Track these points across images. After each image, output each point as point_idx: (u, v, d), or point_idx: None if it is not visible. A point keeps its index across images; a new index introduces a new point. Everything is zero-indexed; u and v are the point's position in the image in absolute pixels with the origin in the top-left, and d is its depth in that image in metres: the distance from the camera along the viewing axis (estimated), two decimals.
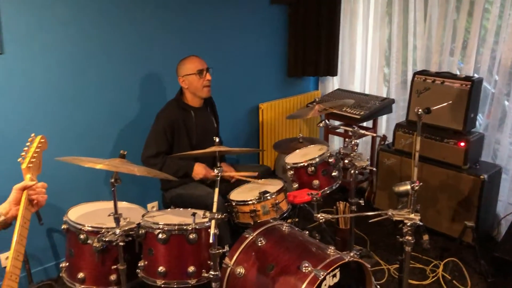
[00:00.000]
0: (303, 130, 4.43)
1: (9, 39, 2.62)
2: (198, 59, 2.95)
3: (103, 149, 3.14)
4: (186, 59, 2.96)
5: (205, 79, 2.92)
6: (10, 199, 1.57)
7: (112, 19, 3.03)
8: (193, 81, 2.93)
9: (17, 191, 1.56)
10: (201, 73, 2.91)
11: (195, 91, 2.96)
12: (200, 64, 2.93)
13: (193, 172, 2.90)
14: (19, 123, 2.75)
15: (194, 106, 3.01)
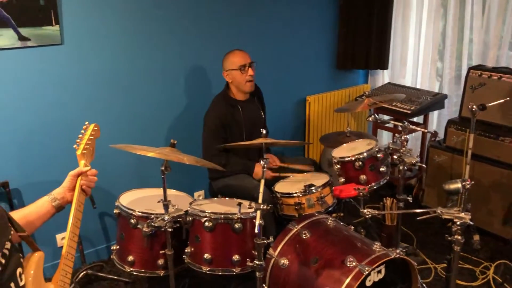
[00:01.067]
0: (351, 124, 4.38)
1: (68, 31, 2.74)
2: (241, 54, 2.95)
3: (153, 137, 3.23)
4: (230, 53, 2.97)
5: (247, 74, 2.93)
6: (64, 185, 1.64)
7: (164, 12, 3.10)
8: (236, 76, 2.95)
9: (72, 177, 1.64)
10: (243, 68, 2.92)
11: (238, 86, 2.99)
12: (243, 59, 2.93)
13: (253, 173, 2.96)
14: (75, 111, 2.88)
15: (241, 99, 3.04)
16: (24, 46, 2.60)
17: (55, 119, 2.82)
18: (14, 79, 2.64)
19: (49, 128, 2.81)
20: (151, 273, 2.48)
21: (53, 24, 2.65)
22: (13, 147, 2.70)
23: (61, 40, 2.72)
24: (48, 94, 2.77)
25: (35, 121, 2.75)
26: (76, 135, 1.82)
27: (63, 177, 1.75)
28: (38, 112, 2.75)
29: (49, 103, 2.78)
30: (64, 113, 2.85)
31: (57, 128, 2.83)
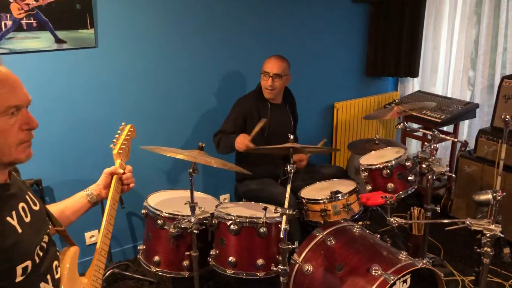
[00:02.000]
0: (379, 132, 4.34)
1: (102, 34, 2.81)
2: (271, 62, 2.96)
3: (182, 140, 3.28)
4: (269, 57, 3.01)
5: (266, 82, 2.97)
6: (99, 182, 1.68)
7: (195, 17, 3.15)
8: (262, 79, 3.01)
9: (106, 175, 1.68)
10: (265, 75, 2.96)
11: (262, 89, 3.02)
12: (268, 67, 2.95)
13: (235, 144, 2.83)
14: (106, 112, 2.95)
15: (271, 101, 3.06)
16: (60, 49, 2.68)
17: (87, 119, 2.89)
18: (50, 80, 2.72)
19: (81, 128, 2.88)
20: (176, 274, 2.51)
21: (88, 27, 2.73)
22: (47, 146, 2.78)
23: (95, 43, 2.79)
24: (81, 95, 2.84)
25: (68, 121, 2.83)
26: (106, 135, 1.87)
27: (93, 175, 1.79)
28: (71, 112, 2.82)
29: (82, 104, 2.86)
30: (96, 113, 2.92)
31: (89, 128, 2.91)
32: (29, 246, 1.22)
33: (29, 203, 1.30)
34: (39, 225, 1.30)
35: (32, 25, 2.56)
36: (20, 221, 1.21)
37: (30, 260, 1.20)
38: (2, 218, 1.16)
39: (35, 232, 1.27)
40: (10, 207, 1.20)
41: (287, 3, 3.53)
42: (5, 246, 1.13)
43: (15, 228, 1.18)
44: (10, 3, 2.47)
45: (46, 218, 1.38)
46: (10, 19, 2.49)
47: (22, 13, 2.52)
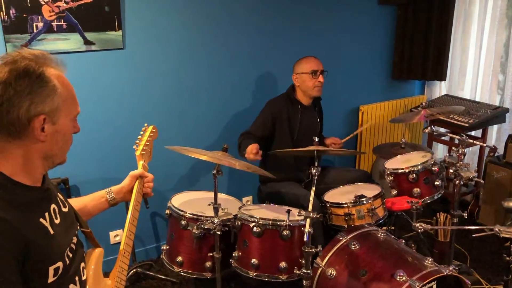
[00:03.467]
0: (405, 136, 4.27)
1: (130, 36, 2.85)
2: (315, 60, 2.98)
3: (206, 141, 3.29)
4: (304, 58, 3.01)
5: (317, 80, 2.95)
6: (123, 184, 1.70)
7: (222, 19, 3.16)
8: (306, 79, 2.97)
9: (132, 178, 1.70)
10: (315, 74, 2.95)
11: (305, 90, 3.01)
12: (316, 65, 2.96)
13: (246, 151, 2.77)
14: (133, 113, 2.98)
15: (303, 103, 3.06)
16: (88, 50, 2.73)
17: (113, 119, 2.93)
18: (77, 80, 2.76)
19: (107, 127, 2.93)
20: (198, 275, 2.52)
21: (116, 29, 2.77)
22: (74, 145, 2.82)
23: (123, 44, 2.83)
24: (108, 96, 2.89)
25: (95, 121, 2.88)
26: (133, 135, 1.89)
27: (118, 175, 1.82)
28: (98, 112, 2.87)
29: (108, 104, 2.90)
30: (123, 114, 2.96)
31: (114, 128, 2.95)
32: (60, 247, 1.24)
33: (60, 204, 1.32)
34: (68, 226, 1.32)
35: (62, 26, 2.61)
36: (51, 222, 1.23)
37: (61, 261, 1.22)
38: (36, 219, 1.18)
39: (65, 234, 1.29)
40: (43, 209, 1.23)
41: (312, 5, 3.51)
42: (39, 247, 1.15)
43: (47, 229, 1.20)
44: (42, 6, 2.53)
45: (74, 220, 1.40)
46: (42, 21, 2.55)
47: (53, 15, 2.57)
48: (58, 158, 1.27)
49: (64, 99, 1.20)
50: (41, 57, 1.18)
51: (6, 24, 2.47)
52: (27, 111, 1.12)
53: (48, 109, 1.16)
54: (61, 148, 1.25)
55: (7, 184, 1.15)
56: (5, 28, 2.47)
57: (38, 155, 1.20)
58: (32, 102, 1.13)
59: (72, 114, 1.25)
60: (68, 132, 1.25)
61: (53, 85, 1.17)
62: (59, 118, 1.20)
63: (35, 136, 1.16)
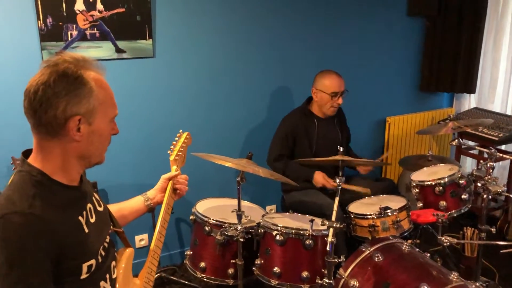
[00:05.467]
0: (432, 148, 4.21)
1: (160, 45, 2.92)
2: (338, 81, 2.95)
3: (231, 149, 3.33)
4: (327, 74, 2.98)
5: (335, 102, 2.95)
6: (157, 187, 1.74)
7: (251, 29, 3.21)
8: (324, 98, 2.97)
9: (164, 180, 1.73)
10: (335, 96, 2.94)
11: (321, 106, 3.02)
12: (338, 86, 2.94)
13: (313, 179, 2.94)
14: (165, 120, 3.05)
15: (319, 116, 3.05)
16: (120, 58, 2.81)
17: (144, 126, 3.00)
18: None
19: (137, 134, 2.99)
20: (221, 281, 2.54)
21: (147, 38, 2.84)
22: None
23: (153, 53, 2.90)
24: (138, 103, 2.96)
25: (125, 127, 2.94)
26: (161, 141, 1.93)
27: (147, 181, 1.85)
28: (127, 118, 2.94)
29: (139, 111, 2.97)
30: (152, 120, 3.02)
31: (145, 134, 3.01)
32: (94, 246, 1.28)
33: (95, 204, 1.37)
34: (102, 225, 1.37)
35: (95, 35, 2.70)
36: (87, 221, 1.27)
37: (94, 259, 1.26)
38: (73, 217, 1.23)
39: (99, 232, 1.33)
40: (81, 208, 1.28)
41: (341, 16, 3.52)
42: (74, 244, 1.20)
43: (83, 227, 1.25)
44: (77, 15, 2.62)
45: (108, 219, 1.44)
46: (76, 29, 2.64)
47: (87, 24, 2.66)
48: (94, 158, 1.30)
49: (101, 101, 1.24)
50: (81, 60, 1.23)
51: (43, 32, 2.57)
52: (64, 111, 1.17)
53: (84, 110, 1.20)
54: (97, 148, 1.28)
55: (47, 183, 1.20)
56: (41, 36, 2.57)
57: (74, 154, 1.24)
58: (69, 103, 1.17)
59: (109, 116, 1.29)
60: (104, 133, 1.29)
61: (90, 87, 1.21)
62: (95, 119, 1.24)
63: (71, 136, 1.20)
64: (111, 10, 2.70)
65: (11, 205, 1.12)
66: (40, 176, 1.19)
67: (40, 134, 1.20)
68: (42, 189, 1.18)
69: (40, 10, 2.53)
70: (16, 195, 1.15)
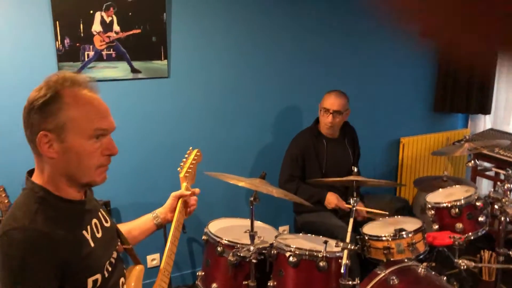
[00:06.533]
0: (447, 169, 4.16)
1: (174, 65, 2.96)
2: (331, 99, 2.95)
3: (244, 168, 3.33)
4: (328, 92, 3.01)
5: (325, 119, 2.95)
6: (166, 205, 1.73)
7: (263, 50, 3.24)
8: (320, 114, 3.01)
9: (174, 198, 1.72)
10: (325, 112, 2.95)
11: (320, 123, 3.02)
12: (328, 104, 2.94)
13: (326, 200, 2.91)
14: (178, 138, 3.07)
15: (327, 135, 3.05)
16: (135, 78, 2.85)
17: (156, 144, 3.02)
18: (123, 107, 2.88)
19: (150, 152, 3.01)
20: None
21: (162, 59, 2.88)
22: (117, 169, 2.92)
23: (168, 73, 2.94)
24: (152, 122, 2.98)
25: (138, 145, 2.97)
26: (174, 161, 1.94)
27: (159, 199, 1.85)
28: (141, 137, 2.96)
29: (152, 130, 2.99)
30: (165, 139, 3.04)
31: (158, 153, 3.03)
32: (100, 260, 1.28)
33: (101, 219, 1.37)
34: (109, 241, 1.37)
35: (112, 55, 2.74)
36: (93, 236, 1.28)
37: (100, 274, 1.26)
38: (77, 231, 1.24)
39: (106, 248, 1.33)
40: (85, 222, 1.28)
41: (355, 36, 3.54)
42: (79, 258, 1.20)
43: (88, 242, 1.25)
44: (94, 36, 2.67)
45: (115, 235, 1.44)
46: (93, 50, 2.69)
47: (104, 44, 2.71)
48: (81, 178, 1.24)
49: (73, 117, 1.20)
50: (68, 79, 1.22)
51: (60, 53, 2.61)
52: (35, 127, 1.19)
53: (51, 126, 1.18)
54: (78, 167, 1.22)
55: (49, 199, 1.21)
56: (59, 56, 2.62)
57: (58, 172, 1.22)
58: (39, 119, 1.18)
59: (86, 133, 1.21)
60: (83, 152, 1.21)
61: (61, 103, 1.19)
62: (66, 136, 1.19)
63: (44, 153, 1.20)
64: (128, 31, 2.75)
65: (13, 221, 1.14)
66: (42, 192, 1.21)
67: (32, 151, 1.23)
68: (45, 205, 1.19)
69: (58, 31, 2.58)
70: (19, 212, 1.17)
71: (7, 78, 2.56)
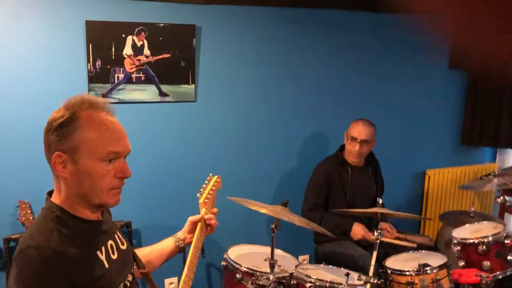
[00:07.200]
0: (474, 204, 4.06)
1: (202, 89, 3.00)
2: (360, 128, 2.92)
3: (266, 195, 3.31)
4: (357, 120, 2.99)
5: (353, 147, 2.92)
6: (185, 229, 1.73)
7: (289, 77, 3.26)
8: (346, 142, 2.97)
9: (191, 223, 1.72)
10: (353, 140, 2.92)
11: (346, 151, 2.99)
12: (356, 132, 2.91)
13: (352, 231, 2.86)
14: (202, 162, 3.09)
15: (352, 163, 3.01)
16: (163, 101, 2.89)
17: (179, 167, 3.04)
18: (150, 129, 2.92)
19: (173, 175, 3.03)
20: None
21: (190, 83, 2.93)
22: (140, 190, 2.94)
23: (195, 97, 2.98)
24: (176, 145, 3.01)
25: (163, 168, 2.99)
26: (197, 184, 1.93)
27: (180, 221, 1.85)
28: (165, 160, 2.99)
29: (176, 153, 3.02)
30: (188, 162, 3.06)
31: (180, 175, 3.05)
32: (114, 282, 1.28)
33: (117, 242, 1.37)
34: (124, 263, 1.37)
35: (141, 78, 2.80)
36: (107, 257, 1.28)
37: None
38: (92, 251, 1.24)
39: (121, 270, 1.33)
40: (101, 243, 1.29)
41: (382, 66, 3.54)
42: (92, 278, 1.20)
43: (102, 262, 1.25)
44: (125, 59, 2.74)
45: (131, 259, 1.44)
46: (123, 72, 2.75)
47: (134, 67, 2.77)
48: (93, 199, 1.25)
49: (87, 139, 1.21)
50: (87, 101, 1.25)
51: (91, 74, 2.68)
52: (51, 147, 1.22)
53: (66, 147, 1.21)
54: (90, 189, 1.23)
55: (65, 218, 1.22)
56: (90, 77, 2.68)
57: (72, 193, 1.24)
58: (56, 140, 1.21)
59: (99, 155, 1.22)
60: (95, 173, 1.22)
61: (77, 125, 1.21)
62: (80, 158, 1.21)
63: (58, 173, 1.23)
64: (158, 55, 2.81)
65: (30, 240, 1.16)
66: (58, 211, 1.23)
67: (51, 170, 1.25)
68: (60, 224, 1.21)
69: (90, 53, 2.65)
70: (36, 231, 1.19)
71: (40, 96, 2.63)
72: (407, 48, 3.58)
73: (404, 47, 3.58)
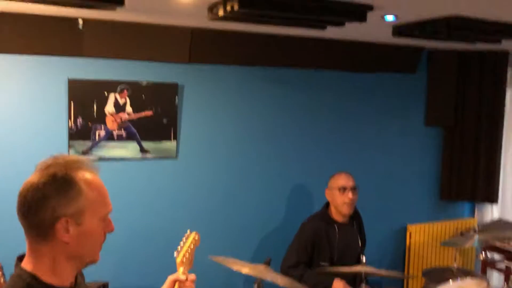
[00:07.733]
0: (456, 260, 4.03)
1: (183, 146, 3.01)
2: (345, 176, 2.96)
3: (248, 250, 3.25)
4: (336, 173, 3.02)
5: (346, 197, 2.92)
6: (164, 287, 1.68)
7: (267, 134, 3.31)
8: (335, 196, 2.95)
9: (170, 282, 1.67)
10: (344, 190, 2.92)
11: (336, 207, 2.97)
12: (345, 181, 2.94)
13: (332, 287, 2.80)
14: (181, 219, 3.04)
15: (338, 221, 2.99)
16: (143, 158, 2.88)
17: (159, 225, 2.98)
18: (131, 186, 2.89)
19: (153, 233, 2.96)
20: None
21: (171, 139, 2.93)
22: (117, 249, 2.86)
23: (176, 154, 2.97)
24: (157, 202, 2.97)
25: (142, 226, 2.92)
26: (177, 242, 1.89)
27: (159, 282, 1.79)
28: (145, 217, 2.93)
29: (157, 210, 2.97)
30: (170, 220, 3.01)
31: (160, 234, 2.98)
32: None
33: None
34: None
35: (122, 135, 2.80)
36: None
37: None
38: None
39: None
40: None
41: (358, 122, 3.62)
42: None
43: None
44: (106, 116, 2.74)
45: None
46: (104, 129, 2.75)
47: (115, 125, 2.77)
48: (87, 258, 1.25)
49: (91, 201, 1.22)
50: (73, 162, 1.23)
51: (72, 132, 2.67)
52: (52, 213, 1.17)
53: (72, 211, 1.19)
54: (89, 249, 1.24)
55: (37, 286, 1.17)
56: (70, 134, 2.67)
57: (65, 256, 1.21)
58: (57, 205, 1.17)
59: (100, 215, 1.24)
60: (95, 233, 1.24)
61: (78, 188, 1.20)
62: (84, 219, 1.21)
63: (59, 238, 1.18)
64: (140, 112, 2.83)
65: None
66: (30, 279, 1.17)
67: (31, 237, 1.20)
68: None
69: (72, 111, 2.66)
70: None
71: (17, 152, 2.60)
72: (385, 107, 3.69)
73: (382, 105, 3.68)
